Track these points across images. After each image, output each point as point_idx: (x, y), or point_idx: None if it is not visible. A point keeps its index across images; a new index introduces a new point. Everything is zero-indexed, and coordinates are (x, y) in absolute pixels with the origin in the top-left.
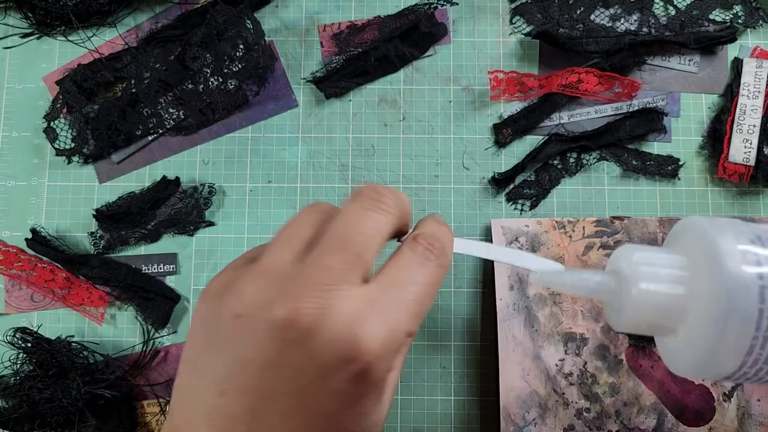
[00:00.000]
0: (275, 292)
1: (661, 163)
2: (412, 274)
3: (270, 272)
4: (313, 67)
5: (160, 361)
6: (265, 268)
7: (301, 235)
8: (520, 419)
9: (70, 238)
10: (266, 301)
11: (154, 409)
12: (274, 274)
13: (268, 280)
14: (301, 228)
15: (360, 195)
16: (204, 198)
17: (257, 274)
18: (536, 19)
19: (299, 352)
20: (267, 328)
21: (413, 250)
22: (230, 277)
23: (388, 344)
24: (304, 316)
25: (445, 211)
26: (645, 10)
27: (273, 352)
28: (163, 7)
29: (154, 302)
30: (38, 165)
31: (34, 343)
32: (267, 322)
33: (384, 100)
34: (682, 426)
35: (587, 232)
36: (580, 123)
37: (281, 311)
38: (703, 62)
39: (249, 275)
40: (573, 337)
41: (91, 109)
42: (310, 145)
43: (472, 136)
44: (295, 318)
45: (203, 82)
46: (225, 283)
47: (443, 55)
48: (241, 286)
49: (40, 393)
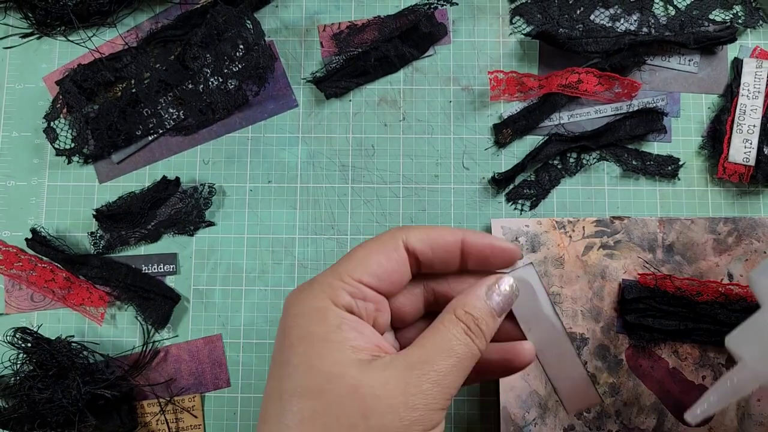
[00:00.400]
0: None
1: (661, 163)
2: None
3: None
4: (313, 67)
5: (160, 361)
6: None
7: None
8: (520, 419)
9: (70, 238)
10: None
11: (154, 409)
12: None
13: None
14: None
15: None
16: (204, 198)
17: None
18: (536, 19)
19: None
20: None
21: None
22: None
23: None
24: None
25: (445, 211)
26: (645, 10)
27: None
28: (163, 7)
29: (154, 302)
30: (38, 165)
31: (34, 343)
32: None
33: (384, 100)
34: (682, 426)
35: (587, 232)
36: (580, 123)
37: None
38: (703, 62)
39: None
40: (573, 337)
41: (91, 109)
42: (310, 145)
43: (472, 136)
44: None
45: (203, 82)
46: (296, 292)
47: (443, 55)
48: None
49: (40, 393)
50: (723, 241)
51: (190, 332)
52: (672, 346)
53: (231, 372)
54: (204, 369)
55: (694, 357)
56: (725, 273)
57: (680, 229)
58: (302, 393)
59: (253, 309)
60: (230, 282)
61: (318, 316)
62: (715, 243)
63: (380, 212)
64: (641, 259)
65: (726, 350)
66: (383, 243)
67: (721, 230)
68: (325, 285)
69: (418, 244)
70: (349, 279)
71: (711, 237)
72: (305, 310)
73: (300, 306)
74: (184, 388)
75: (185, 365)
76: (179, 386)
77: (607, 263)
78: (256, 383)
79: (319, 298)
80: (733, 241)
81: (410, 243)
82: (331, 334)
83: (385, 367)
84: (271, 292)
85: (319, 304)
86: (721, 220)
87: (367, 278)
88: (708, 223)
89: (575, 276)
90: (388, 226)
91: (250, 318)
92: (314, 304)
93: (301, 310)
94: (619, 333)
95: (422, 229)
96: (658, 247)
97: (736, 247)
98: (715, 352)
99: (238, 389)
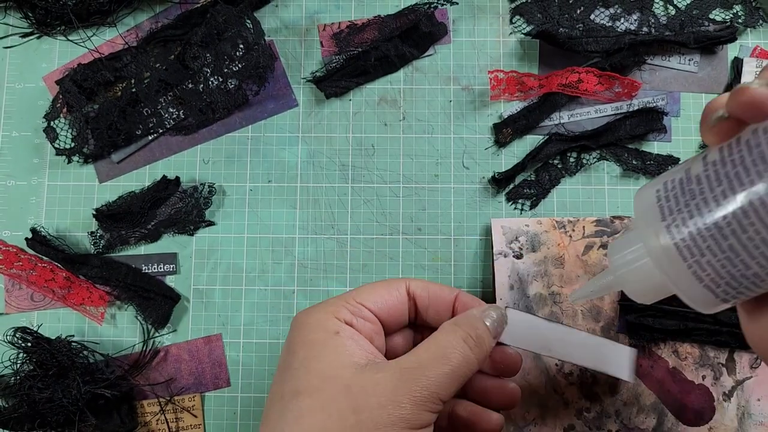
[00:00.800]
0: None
1: (661, 163)
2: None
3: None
4: (313, 66)
5: (160, 360)
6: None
7: None
8: (520, 419)
9: (70, 237)
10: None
11: (155, 409)
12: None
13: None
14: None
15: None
16: (204, 197)
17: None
18: (536, 18)
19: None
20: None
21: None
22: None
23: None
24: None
25: (445, 211)
26: (645, 10)
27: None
28: (163, 7)
29: (154, 302)
30: (38, 164)
31: (34, 342)
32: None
33: (384, 99)
34: (682, 426)
35: (587, 232)
36: (580, 123)
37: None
38: (703, 62)
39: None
40: None
41: (91, 108)
42: (310, 145)
43: (472, 136)
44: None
45: (203, 82)
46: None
47: (443, 54)
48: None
49: (41, 392)
50: None
51: (190, 332)
52: (672, 345)
53: (231, 371)
54: (204, 368)
55: (694, 356)
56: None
57: None
58: (300, 392)
59: (253, 308)
60: (230, 281)
61: (319, 325)
62: None
63: (380, 212)
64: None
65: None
66: (388, 282)
67: None
68: (329, 304)
69: (418, 289)
70: (352, 300)
71: None
72: (309, 321)
73: (305, 319)
74: (184, 387)
75: (185, 365)
76: (179, 386)
77: (607, 263)
78: (256, 383)
79: (322, 312)
80: None
81: (411, 287)
82: (330, 339)
83: (378, 370)
84: (271, 292)
85: (322, 317)
86: None
87: (369, 303)
88: None
89: (575, 276)
90: (387, 225)
91: (250, 317)
92: (317, 316)
93: (305, 322)
94: (619, 332)
95: (424, 281)
96: None
97: None
98: (716, 351)
99: (238, 389)
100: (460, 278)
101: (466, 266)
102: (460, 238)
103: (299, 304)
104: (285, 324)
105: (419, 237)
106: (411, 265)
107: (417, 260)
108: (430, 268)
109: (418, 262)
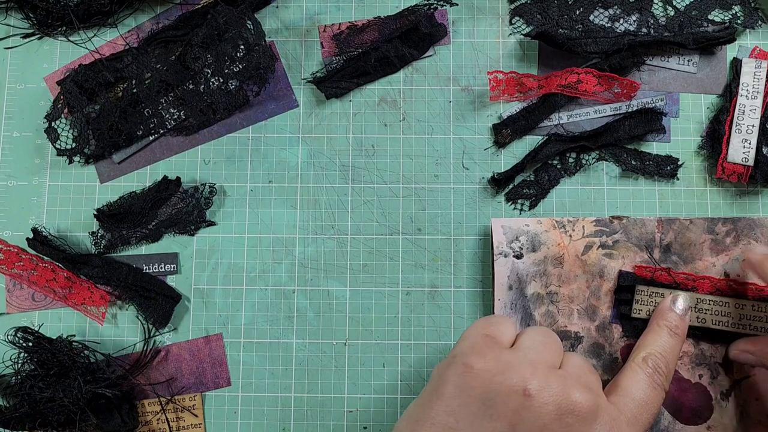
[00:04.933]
0: (562, 385)
1: (660, 163)
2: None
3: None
4: (313, 67)
5: (161, 360)
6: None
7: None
8: None
9: (72, 237)
10: (557, 390)
11: (155, 408)
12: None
13: (554, 376)
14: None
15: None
16: (205, 198)
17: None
18: (535, 19)
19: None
20: (555, 410)
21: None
22: (496, 356)
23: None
24: (581, 405)
25: (445, 211)
26: (644, 11)
27: (553, 427)
28: (164, 8)
29: (155, 302)
30: (39, 165)
31: (35, 342)
32: (556, 405)
33: (384, 100)
34: (680, 424)
35: (587, 232)
36: (580, 123)
37: (568, 399)
38: (702, 63)
39: (528, 367)
40: (568, 335)
41: (92, 109)
42: (310, 145)
43: (471, 136)
44: (575, 407)
45: (204, 83)
46: (495, 363)
47: (443, 55)
48: (526, 374)
49: (41, 392)
50: (720, 241)
51: (191, 331)
52: None
53: (231, 371)
54: (205, 368)
55: (690, 355)
56: (721, 273)
57: (678, 229)
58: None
59: (254, 308)
60: (231, 281)
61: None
62: (712, 243)
63: (380, 212)
64: (639, 260)
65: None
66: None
67: (720, 230)
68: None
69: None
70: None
71: (708, 237)
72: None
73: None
74: (184, 387)
75: (186, 364)
76: (180, 385)
77: (606, 263)
78: (257, 382)
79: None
80: (730, 242)
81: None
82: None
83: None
84: (271, 292)
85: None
86: (720, 221)
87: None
88: (707, 224)
89: (574, 275)
90: (387, 225)
91: (251, 317)
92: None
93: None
94: (612, 323)
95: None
96: (656, 247)
97: (734, 247)
98: (712, 350)
99: (238, 388)
100: (459, 278)
101: (466, 266)
102: (460, 238)
103: (299, 304)
104: (285, 324)
105: (419, 237)
106: (411, 265)
107: (417, 260)
108: (430, 268)
109: (418, 262)
